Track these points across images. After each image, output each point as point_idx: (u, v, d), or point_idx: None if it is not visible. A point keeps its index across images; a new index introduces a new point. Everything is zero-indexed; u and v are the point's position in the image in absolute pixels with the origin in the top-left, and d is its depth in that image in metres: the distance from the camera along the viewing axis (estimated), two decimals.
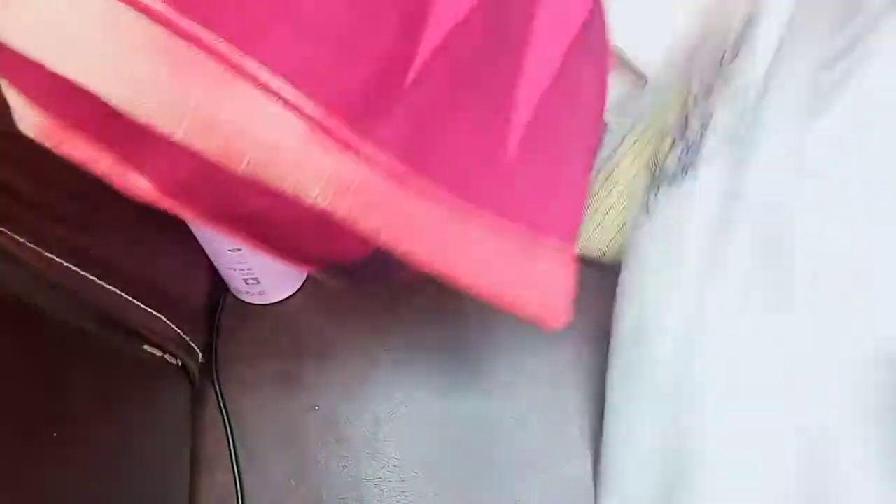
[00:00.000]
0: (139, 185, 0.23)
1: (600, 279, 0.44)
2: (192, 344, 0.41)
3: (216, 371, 0.43)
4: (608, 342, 0.42)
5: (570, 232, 0.29)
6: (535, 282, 0.27)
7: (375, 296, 0.45)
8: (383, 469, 0.40)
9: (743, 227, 0.34)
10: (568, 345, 0.43)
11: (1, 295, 0.28)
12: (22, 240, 0.29)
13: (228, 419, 0.41)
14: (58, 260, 0.31)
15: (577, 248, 0.31)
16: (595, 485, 0.39)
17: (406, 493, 0.39)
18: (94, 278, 0.32)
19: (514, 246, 0.27)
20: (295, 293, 0.45)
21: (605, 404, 0.39)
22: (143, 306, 0.36)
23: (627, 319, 0.38)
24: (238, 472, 0.40)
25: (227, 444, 0.41)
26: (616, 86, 0.40)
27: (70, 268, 0.31)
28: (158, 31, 0.20)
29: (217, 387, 0.42)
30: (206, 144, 0.21)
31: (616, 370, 0.39)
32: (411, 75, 0.24)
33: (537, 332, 0.43)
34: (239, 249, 0.39)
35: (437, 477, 0.40)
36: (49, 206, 0.31)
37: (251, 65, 0.21)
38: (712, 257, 0.35)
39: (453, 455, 0.40)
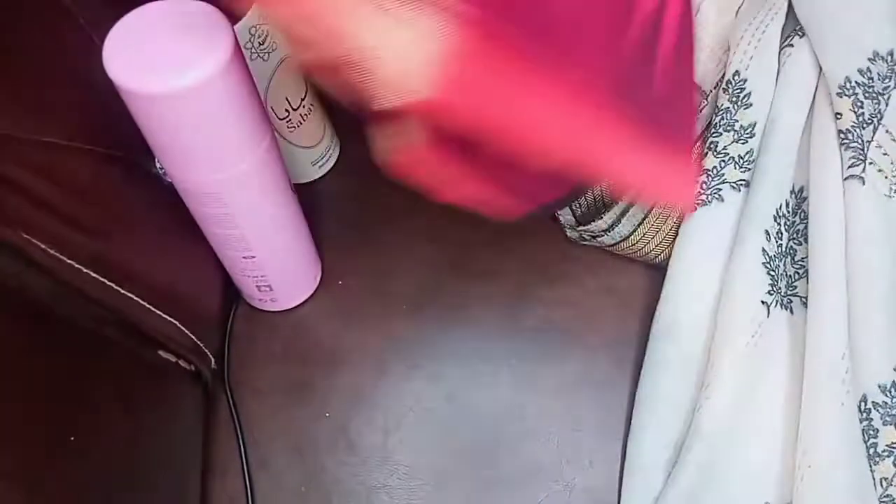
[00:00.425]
0: (505, 205, 0.33)
1: (609, 295, 0.44)
2: (206, 350, 0.41)
3: (228, 377, 0.43)
4: (618, 353, 0.43)
5: (690, 141, 0.38)
6: (676, 178, 0.36)
7: (386, 303, 0.45)
8: (393, 477, 0.40)
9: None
10: (579, 355, 0.43)
11: (24, 301, 0.28)
12: (44, 246, 0.30)
13: (240, 425, 0.42)
14: (77, 266, 0.31)
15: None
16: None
17: (415, 502, 0.40)
18: (113, 285, 0.33)
19: (665, 155, 0.35)
20: (307, 300, 0.46)
21: (636, 397, 0.40)
22: (159, 313, 0.36)
23: (663, 315, 0.41)
24: (249, 477, 0.40)
25: (238, 449, 0.41)
26: None
27: (90, 274, 0.32)
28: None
29: (229, 393, 0.43)
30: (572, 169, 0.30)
31: (649, 362, 0.41)
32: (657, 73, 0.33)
33: (549, 341, 0.44)
34: (253, 257, 0.40)
35: (446, 485, 0.40)
36: (71, 215, 0.32)
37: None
38: (732, 263, 0.40)
39: (463, 464, 0.41)
